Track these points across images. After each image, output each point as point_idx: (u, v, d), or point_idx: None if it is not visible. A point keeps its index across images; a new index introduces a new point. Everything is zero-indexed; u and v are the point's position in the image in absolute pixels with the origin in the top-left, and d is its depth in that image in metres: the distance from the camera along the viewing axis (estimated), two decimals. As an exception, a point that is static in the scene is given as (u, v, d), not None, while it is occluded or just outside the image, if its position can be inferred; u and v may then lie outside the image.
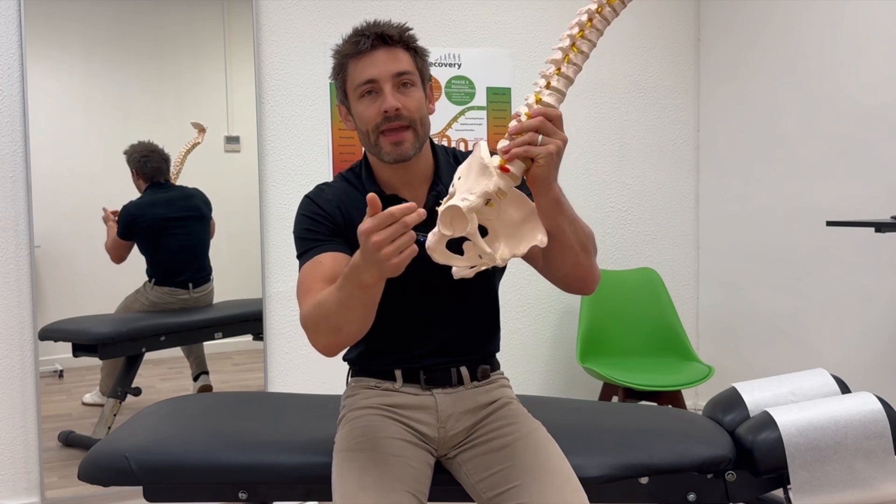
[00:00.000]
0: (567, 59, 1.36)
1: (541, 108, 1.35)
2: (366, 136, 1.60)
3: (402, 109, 1.54)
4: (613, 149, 3.62)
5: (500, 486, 1.52)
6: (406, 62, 1.58)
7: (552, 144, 1.34)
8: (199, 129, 2.92)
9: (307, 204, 1.65)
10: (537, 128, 1.34)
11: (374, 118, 1.55)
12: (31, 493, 2.74)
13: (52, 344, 2.76)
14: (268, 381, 3.04)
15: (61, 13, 2.75)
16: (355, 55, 1.56)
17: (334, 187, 1.68)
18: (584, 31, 1.36)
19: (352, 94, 1.59)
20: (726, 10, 3.62)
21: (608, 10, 1.37)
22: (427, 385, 1.68)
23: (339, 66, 1.61)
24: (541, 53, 3.46)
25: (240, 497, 1.74)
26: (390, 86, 1.54)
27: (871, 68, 2.98)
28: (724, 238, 3.70)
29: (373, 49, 1.55)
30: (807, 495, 1.75)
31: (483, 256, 1.33)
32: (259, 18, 2.99)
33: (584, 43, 1.36)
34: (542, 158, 1.33)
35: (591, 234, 1.56)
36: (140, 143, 2.86)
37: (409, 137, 1.56)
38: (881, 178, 2.96)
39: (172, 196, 2.95)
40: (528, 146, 1.33)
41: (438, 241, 1.31)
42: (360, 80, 1.55)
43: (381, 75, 1.54)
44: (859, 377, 2.73)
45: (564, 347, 3.55)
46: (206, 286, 3.06)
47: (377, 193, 1.57)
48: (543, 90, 1.37)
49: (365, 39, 1.55)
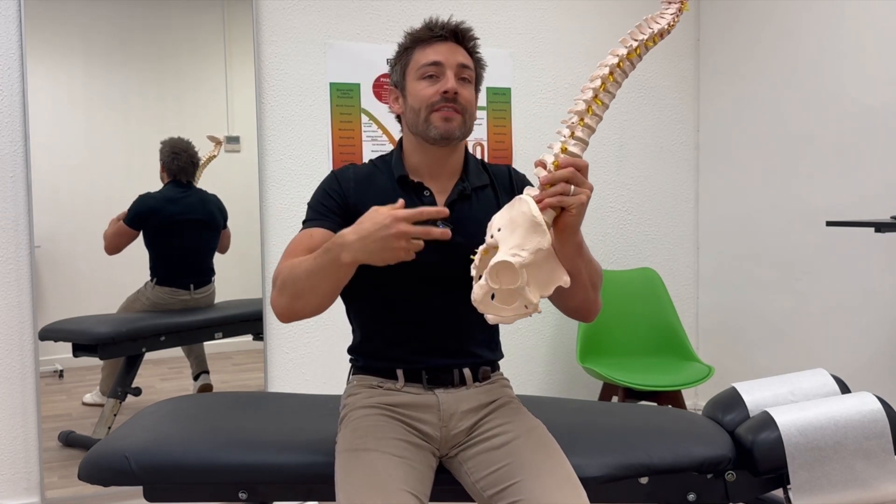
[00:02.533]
0: (590, 110, 1.44)
1: (570, 159, 1.41)
2: (416, 114, 1.66)
3: (459, 95, 1.64)
4: (613, 149, 3.62)
5: (499, 484, 1.53)
6: (469, 61, 1.69)
7: (583, 195, 1.41)
8: (215, 143, 2.92)
9: (330, 178, 1.72)
10: (568, 178, 1.40)
11: (431, 97, 1.64)
12: (31, 493, 2.74)
13: (52, 344, 2.76)
14: (268, 381, 3.04)
15: (61, 13, 2.75)
16: (427, 40, 1.67)
17: (360, 169, 1.75)
18: (606, 84, 1.44)
19: (412, 75, 1.67)
20: (726, 10, 3.62)
21: (627, 64, 1.47)
22: (430, 385, 1.68)
23: (404, 50, 1.70)
24: (541, 53, 3.46)
25: (240, 497, 1.74)
26: (453, 72, 1.65)
27: (871, 68, 2.98)
28: (724, 238, 3.70)
29: (444, 40, 1.67)
30: (807, 495, 1.75)
31: (528, 307, 1.37)
32: (259, 18, 2.99)
33: (605, 95, 1.45)
34: (575, 208, 1.40)
35: (601, 271, 1.65)
36: (175, 139, 2.87)
37: (459, 120, 1.65)
38: (881, 178, 2.96)
39: (190, 198, 2.95)
40: (560, 196, 1.39)
41: (486, 294, 1.35)
42: (426, 60, 1.65)
43: (447, 61, 1.65)
44: (859, 377, 2.73)
45: (564, 347, 3.55)
46: (208, 287, 3.06)
47: (404, 177, 1.69)
48: (569, 140, 1.43)
49: (439, 29, 1.67)
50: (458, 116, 1.64)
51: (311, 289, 1.50)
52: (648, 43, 1.49)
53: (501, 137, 3.37)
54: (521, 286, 1.34)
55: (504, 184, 1.76)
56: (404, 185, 1.69)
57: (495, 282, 1.33)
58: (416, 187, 1.69)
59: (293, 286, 1.52)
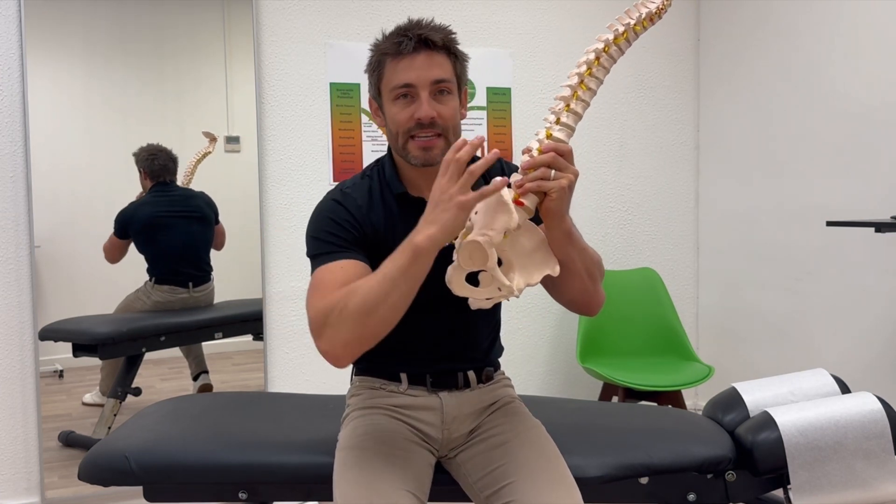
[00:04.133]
0: (576, 95, 1.42)
1: (552, 144, 1.40)
2: (395, 138, 1.57)
3: (436, 118, 1.52)
4: (613, 149, 3.62)
5: (494, 485, 1.53)
6: (446, 69, 1.55)
7: (564, 179, 1.38)
8: (210, 139, 2.92)
9: (334, 207, 1.59)
10: (549, 163, 1.38)
11: (406, 122, 1.53)
12: (31, 493, 2.74)
13: (52, 344, 2.75)
14: (268, 381, 3.04)
15: (61, 13, 2.75)
16: (395, 55, 1.53)
17: (359, 189, 1.63)
18: (592, 69, 1.43)
19: (386, 94, 1.56)
20: (726, 11, 3.62)
21: (614, 48, 1.44)
22: (433, 388, 1.68)
23: (376, 63, 1.58)
24: (541, 53, 3.46)
25: (240, 497, 1.74)
26: (427, 93, 1.52)
27: (870, 68, 2.98)
28: (724, 238, 3.70)
29: (414, 52, 1.52)
30: (807, 495, 1.75)
31: (501, 289, 1.37)
32: (259, 18, 2.99)
33: (591, 80, 1.43)
34: (555, 192, 1.38)
35: (599, 260, 1.59)
36: (149, 144, 2.87)
37: (440, 144, 1.54)
38: (881, 178, 2.96)
39: (174, 196, 2.94)
40: (540, 181, 1.37)
41: (457, 274, 1.36)
42: (396, 82, 1.53)
43: (419, 81, 1.51)
44: (859, 377, 2.73)
45: (564, 347, 3.55)
46: (207, 286, 3.06)
47: (403, 194, 1.61)
48: (553, 126, 1.42)
49: (407, 41, 1.52)
50: (439, 141, 1.53)
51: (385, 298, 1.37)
52: (637, 27, 1.45)
53: (501, 137, 3.37)
54: (491, 266, 1.34)
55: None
56: (405, 202, 1.61)
57: (467, 262, 1.34)
58: (416, 203, 1.59)
59: (361, 308, 1.37)
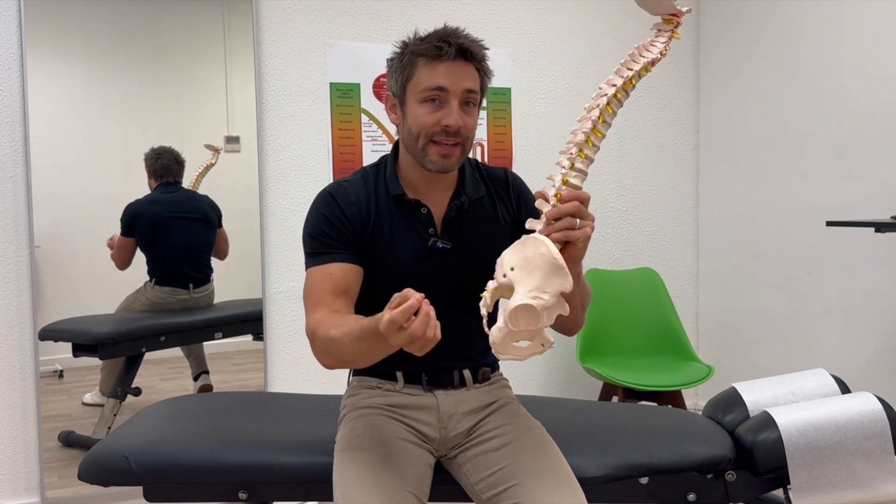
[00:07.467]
0: (589, 141, 1.42)
1: (574, 192, 1.40)
2: (414, 139, 1.58)
3: (462, 128, 1.55)
4: (613, 149, 3.62)
5: (498, 486, 1.53)
6: (477, 82, 1.59)
7: (588, 227, 1.40)
8: (213, 151, 2.93)
9: (327, 202, 1.62)
10: (574, 213, 1.39)
11: (431, 126, 1.55)
12: (31, 493, 2.74)
13: (52, 344, 2.75)
14: (268, 381, 3.04)
15: (61, 13, 2.75)
16: (433, 58, 1.55)
17: (355, 186, 1.65)
18: (604, 115, 1.43)
19: (413, 93, 1.57)
20: (726, 10, 3.62)
21: (623, 93, 1.46)
22: (429, 386, 1.68)
23: (407, 61, 1.58)
24: (541, 53, 3.46)
25: (240, 497, 1.74)
26: (458, 101, 1.55)
27: (871, 68, 2.98)
28: (724, 238, 3.70)
29: (454, 59, 1.55)
30: (807, 495, 1.75)
31: (545, 344, 1.37)
32: (259, 18, 2.99)
33: (603, 126, 1.43)
34: (581, 242, 1.39)
35: (591, 292, 1.66)
36: (160, 146, 2.88)
37: (458, 153, 1.58)
38: (881, 178, 2.96)
39: (177, 197, 2.94)
40: (567, 231, 1.38)
41: (505, 337, 1.33)
42: (430, 84, 1.55)
43: (453, 88, 1.55)
44: (859, 377, 2.73)
45: (564, 347, 3.55)
46: (207, 287, 3.06)
47: (400, 196, 1.63)
48: (569, 171, 1.42)
49: (448, 47, 1.54)
50: (457, 150, 1.57)
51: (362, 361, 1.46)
52: (642, 72, 1.49)
53: (501, 137, 3.36)
54: (541, 328, 1.33)
55: (501, 192, 1.73)
56: (401, 203, 1.64)
57: (515, 325, 1.31)
58: (412, 205, 1.64)
59: (339, 357, 1.46)
